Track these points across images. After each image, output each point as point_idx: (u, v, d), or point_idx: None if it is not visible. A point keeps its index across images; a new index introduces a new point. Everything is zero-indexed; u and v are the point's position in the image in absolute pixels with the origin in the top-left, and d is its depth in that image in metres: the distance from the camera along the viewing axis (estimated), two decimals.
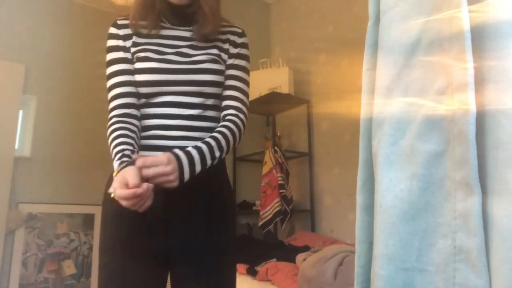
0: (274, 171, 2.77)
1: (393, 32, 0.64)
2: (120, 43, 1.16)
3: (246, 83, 1.23)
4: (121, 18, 1.20)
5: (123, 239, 1.09)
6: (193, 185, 1.03)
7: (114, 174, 0.98)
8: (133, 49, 1.15)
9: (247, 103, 1.22)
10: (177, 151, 1.01)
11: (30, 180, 3.09)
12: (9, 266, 2.89)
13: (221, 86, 1.17)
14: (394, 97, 0.62)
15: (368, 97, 0.68)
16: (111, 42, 1.17)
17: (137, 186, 0.89)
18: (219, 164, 1.13)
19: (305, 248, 2.31)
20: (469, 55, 0.52)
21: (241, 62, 1.22)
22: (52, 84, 3.30)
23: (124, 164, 0.97)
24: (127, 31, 1.17)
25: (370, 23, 0.70)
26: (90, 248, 3.27)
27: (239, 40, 1.23)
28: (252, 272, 2.18)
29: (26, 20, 3.27)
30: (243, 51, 1.24)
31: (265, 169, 2.84)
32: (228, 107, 1.17)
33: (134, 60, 1.14)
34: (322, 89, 3.04)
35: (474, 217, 0.51)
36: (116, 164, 1.01)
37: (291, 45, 3.40)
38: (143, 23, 1.16)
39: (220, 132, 1.11)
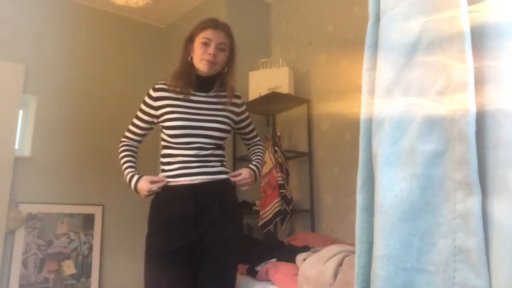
0: (274, 171, 2.77)
1: (393, 32, 0.64)
2: (151, 102, 1.69)
3: (251, 123, 1.91)
4: (159, 83, 1.70)
5: (164, 236, 1.56)
6: (211, 199, 1.60)
7: (133, 180, 1.65)
8: (164, 108, 1.65)
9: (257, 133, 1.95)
10: (251, 166, 1.79)
11: (30, 180, 3.09)
12: (9, 266, 2.89)
13: (226, 133, 1.71)
14: (394, 97, 0.62)
15: (368, 97, 0.68)
16: (146, 99, 1.71)
17: (162, 180, 1.63)
18: (229, 187, 1.71)
19: (305, 248, 2.31)
20: (469, 55, 0.52)
21: (247, 114, 1.87)
22: (52, 84, 3.30)
23: (138, 175, 1.67)
24: (159, 94, 1.68)
25: (370, 23, 0.70)
26: (90, 248, 3.27)
27: (240, 101, 1.81)
28: (252, 272, 2.18)
29: (26, 20, 3.27)
30: (243, 108, 1.84)
31: (265, 169, 2.83)
32: (254, 137, 1.93)
33: (162, 113, 1.65)
34: (322, 89, 3.03)
35: (474, 217, 0.51)
36: (130, 171, 1.69)
37: (291, 45, 3.40)
38: (177, 89, 1.65)
39: (260, 150, 1.91)
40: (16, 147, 3.09)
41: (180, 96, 1.65)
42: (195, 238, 1.56)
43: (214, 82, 1.71)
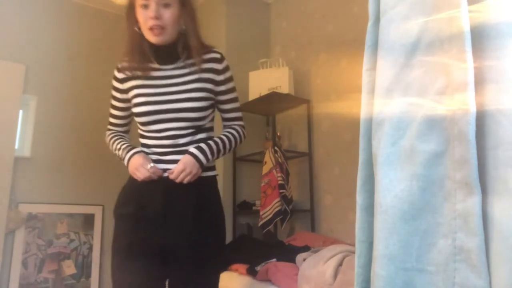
0: (274, 171, 2.77)
1: (393, 32, 0.64)
2: (118, 85, 1.47)
3: (238, 100, 1.53)
4: (121, 62, 1.45)
5: (131, 233, 1.34)
6: (186, 193, 1.33)
7: (133, 154, 1.38)
8: (132, 91, 1.41)
9: (242, 116, 1.56)
10: (192, 150, 1.36)
11: (30, 180, 3.09)
12: (9, 266, 2.89)
13: (205, 111, 1.39)
14: (394, 97, 0.62)
15: (368, 97, 0.68)
16: (113, 82, 1.49)
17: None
18: (210, 181, 1.42)
19: (305, 248, 2.31)
20: (469, 55, 0.52)
21: (229, 85, 1.47)
22: (52, 84, 3.30)
23: (136, 151, 1.39)
24: (123, 75, 1.44)
25: (370, 23, 0.70)
26: (90, 248, 3.27)
27: (220, 66, 1.44)
28: (252, 272, 2.18)
29: (26, 20, 3.27)
30: (227, 74, 1.46)
31: (265, 169, 2.83)
32: (232, 119, 1.51)
33: (131, 97, 1.42)
34: (322, 89, 3.03)
35: (474, 217, 0.51)
36: (128, 151, 1.41)
37: (291, 45, 3.40)
38: (134, 65, 1.40)
39: (230, 132, 1.47)
40: (16, 147, 3.09)
41: (144, 74, 1.40)
42: (160, 239, 1.31)
43: (177, 48, 1.40)
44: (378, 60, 0.67)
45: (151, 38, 1.35)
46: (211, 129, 1.46)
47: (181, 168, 1.32)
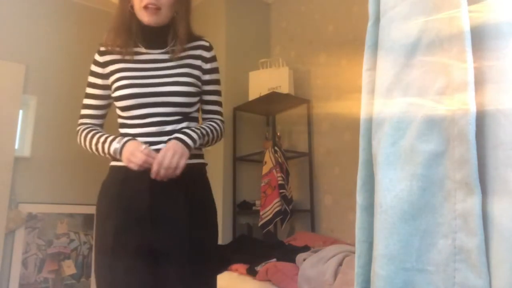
0: (274, 171, 2.78)
1: (393, 32, 0.64)
2: (99, 70, 1.35)
3: (220, 93, 1.45)
4: (104, 44, 1.35)
5: (114, 236, 1.21)
6: (174, 189, 1.22)
7: (127, 141, 1.22)
8: (114, 75, 1.31)
9: (223, 112, 1.46)
10: (178, 135, 1.24)
11: (30, 180, 3.09)
12: (9, 266, 2.89)
13: (192, 96, 1.31)
14: (394, 97, 0.62)
15: (368, 97, 0.68)
16: (92, 67, 1.38)
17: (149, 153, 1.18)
18: (199, 174, 1.33)
19: (305, 248, 2.31)
20: (469, 55, 0.52)
21: (214, 76, 1.41)
22: (52, 84, 3.30)
23: (129, 138, 1.24)
24: (107, 58, 1.34)
25: (370, 23, 0.70)
26: (90, 248, 3.27)
27: (209, 55, 1.38)
28: (252, 272, 2.18)
29: (26, 20, 3.27)
30: (214, 64, 1.40)
31: (265, 169, 2.84)
32: (213, 112, 1.41)
33: (112, 81, 1.31)
34: (322, 89, 3.04)
35: (474, 217, 0.51)
36: (117, 139, 1.25)
37: (291, 45, 3.40)
38: (118, 45, 1.31)
39: (211, 124, 1.35)
40: (16, 147, 3.09)
41: (129, 58, 1.31)
42: (148, 241, 1.21)
43: (167, 34, 1.35)
44: (378, 60, 0.66)
45: (144, 17, 1.28)
46: (196, 119, 1.37)
47: (162, 154, 1.16)
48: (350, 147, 2.70)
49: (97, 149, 1.30)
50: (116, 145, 1.24)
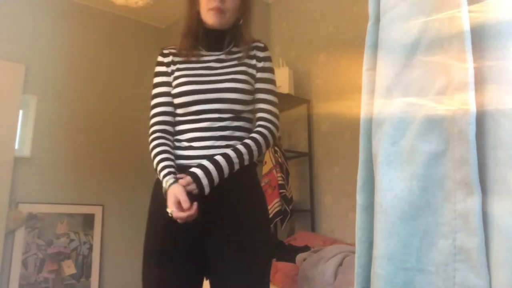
0: (274, 171, 2.77)
1: (393, 32, 0.64)
2: (164, 69, 1.38)
3: (275, 93, 1.43)
4: (167, 48, 1.42)
5: (163, 239, 1.24)
6: (225, 195, 1.22)
7: (164, 188, 1.20)
8: (174, 73, 1.36)
9: (277, 112, 1.43)
10: (194, 169, 1.21)
11: (30, 180, 3.09)
12: (9, 266, 2.89)
13: (246, 94, 1.33)
14: (394, 97, 0.62)
15: (368, 97, 0.68)
16: (158, 68, 1.40)
17: (190, 207, 1.14)
18: (251, 174, 1.33)
19: (305, 248, 2.31)
20: (469, 55, 0.52)
21: (267, 75, 1.40)
22: (52, 84, 3.30)
23: (172, 181, 1.20)
24: (170, 58, 1.39)
25: (370, 23, 0.70)
26: (90, 248, 3.27)
27: (262, 54, 1.41)
28: None
29: (26, 20, 3.27)
30: (267, 64, 1.42)
31: (265, 169, 2.84)
32: (261, 118, 1.37)
33: (174, 78, 1.35)
34: (322, 89, 3.03)
35: (474, 217, 0.51)
36: (163, 177, 1.23)
37: (291, 45, 3.40)
38: (184, 48, 1.37)
39: (252, 138, 1.30)
40: (16, 147, 3.09)
41: (190, 59, 1.36)
42: (198, 246, 1.23)
43: (225, 38, 1.40)
44: (378, 60, 0.67)
45: (209, 19, 1.33)
46: (250, 120, 1.37)
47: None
48: (350, 147, 2.70)
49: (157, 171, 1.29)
50: (163, 185, 1.22)
